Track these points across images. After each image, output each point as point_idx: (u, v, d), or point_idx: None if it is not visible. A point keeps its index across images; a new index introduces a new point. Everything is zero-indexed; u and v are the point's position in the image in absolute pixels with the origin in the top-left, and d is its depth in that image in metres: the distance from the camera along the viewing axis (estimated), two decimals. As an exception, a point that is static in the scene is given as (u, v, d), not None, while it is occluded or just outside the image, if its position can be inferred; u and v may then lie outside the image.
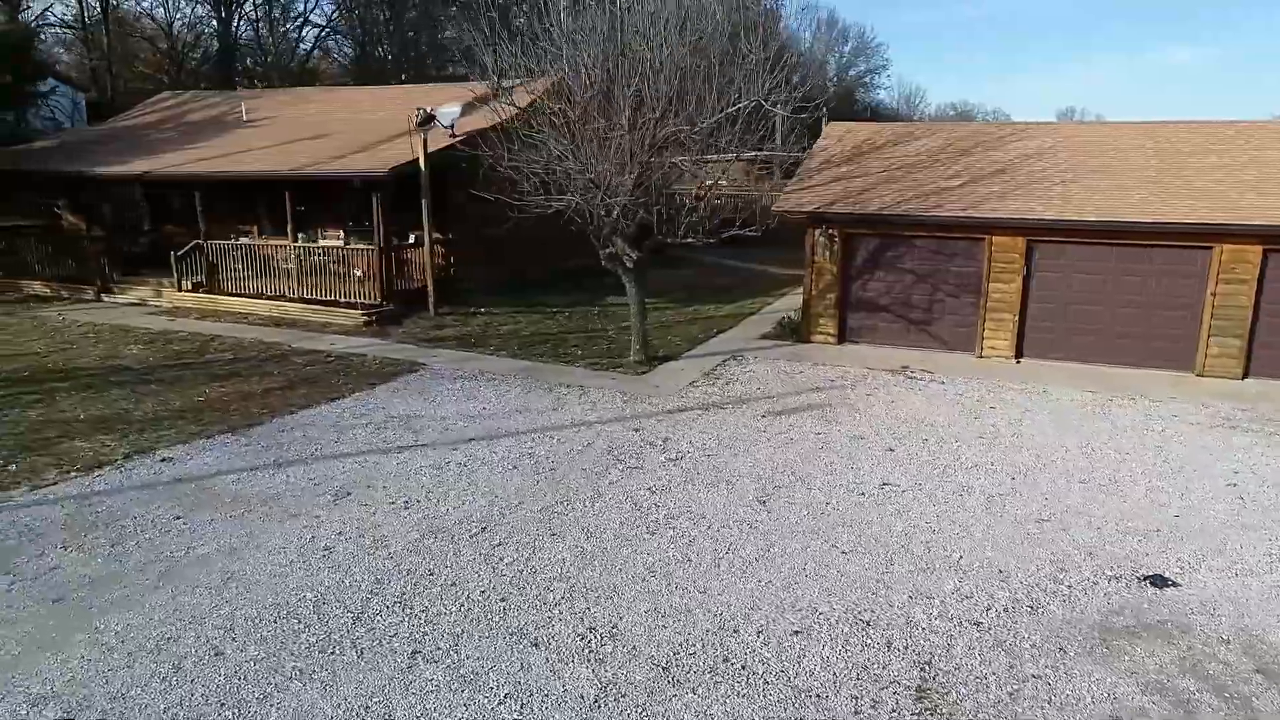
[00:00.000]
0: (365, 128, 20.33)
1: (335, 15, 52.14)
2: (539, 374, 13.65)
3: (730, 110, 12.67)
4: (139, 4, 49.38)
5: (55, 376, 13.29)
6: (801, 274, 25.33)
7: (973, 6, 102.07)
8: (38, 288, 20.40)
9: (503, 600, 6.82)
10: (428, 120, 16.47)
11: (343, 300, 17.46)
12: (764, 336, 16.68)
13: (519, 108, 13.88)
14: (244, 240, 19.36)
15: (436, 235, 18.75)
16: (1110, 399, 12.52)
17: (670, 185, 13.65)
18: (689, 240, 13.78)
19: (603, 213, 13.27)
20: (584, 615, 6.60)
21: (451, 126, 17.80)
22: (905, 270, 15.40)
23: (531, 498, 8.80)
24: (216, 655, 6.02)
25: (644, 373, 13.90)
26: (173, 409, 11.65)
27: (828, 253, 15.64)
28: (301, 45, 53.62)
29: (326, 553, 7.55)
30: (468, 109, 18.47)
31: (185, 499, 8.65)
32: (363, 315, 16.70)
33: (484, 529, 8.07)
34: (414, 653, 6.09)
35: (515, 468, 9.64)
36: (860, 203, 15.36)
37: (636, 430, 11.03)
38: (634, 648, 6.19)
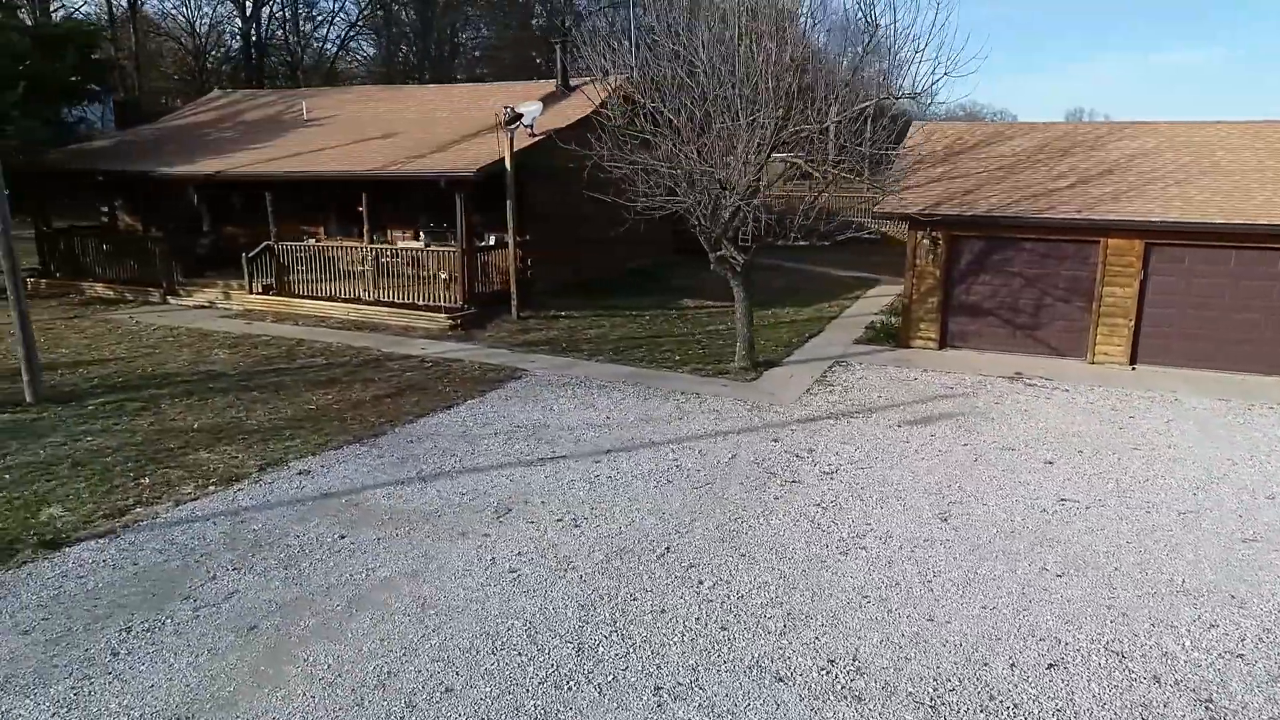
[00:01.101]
0: (432, 127, 19.93)
1: (363, 14, 51.53)
2: (646, 380, 13.21)
3: (860, 107, 12.20)
4: (162, 3, 49.15)
5: (151, 382, 12.87)
6: (864, 275, 25.07)
7: (987, 6, 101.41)
8: (100, 290, 19.99)
9: (723, 629, 6.38)
10: (515, 119, 16.05)
11: (421, 303, 17.04)
12: (858, 341, 16.24)
13: (636, 104, 13.35)
14: (319, 241, 18.94)
15: (510, 238, 18.32)
16: (1248, 406, 12.08)
17: (784, 186, 13.17)
18: (802, 243, 13.33)
19: (725, 215, 12.82)
20: (817, 646, 6.17)
21: (532, 125, 17.36)
22: (1012, 273, 14.96)
23: (701, 515, 8.37)
24: (448, 692, 5.59)
25: (753, 379, 13.47)
26: (286, 417, 11.23)
27: (930, 256, 15.20)
28: (326, 46, 53.24)
29: (514, 576, 7.12)
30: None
31: (341, 516, 8.22)
32: (447, 319, 16.28)
33: (667, 549, 7.63)
34: (656, 688, 5.65)
35: (670, 482, 9.20)
36: (966, 204, 14.92)
37: (775, 440, 10.60)
38: (887, 683, 5.76)
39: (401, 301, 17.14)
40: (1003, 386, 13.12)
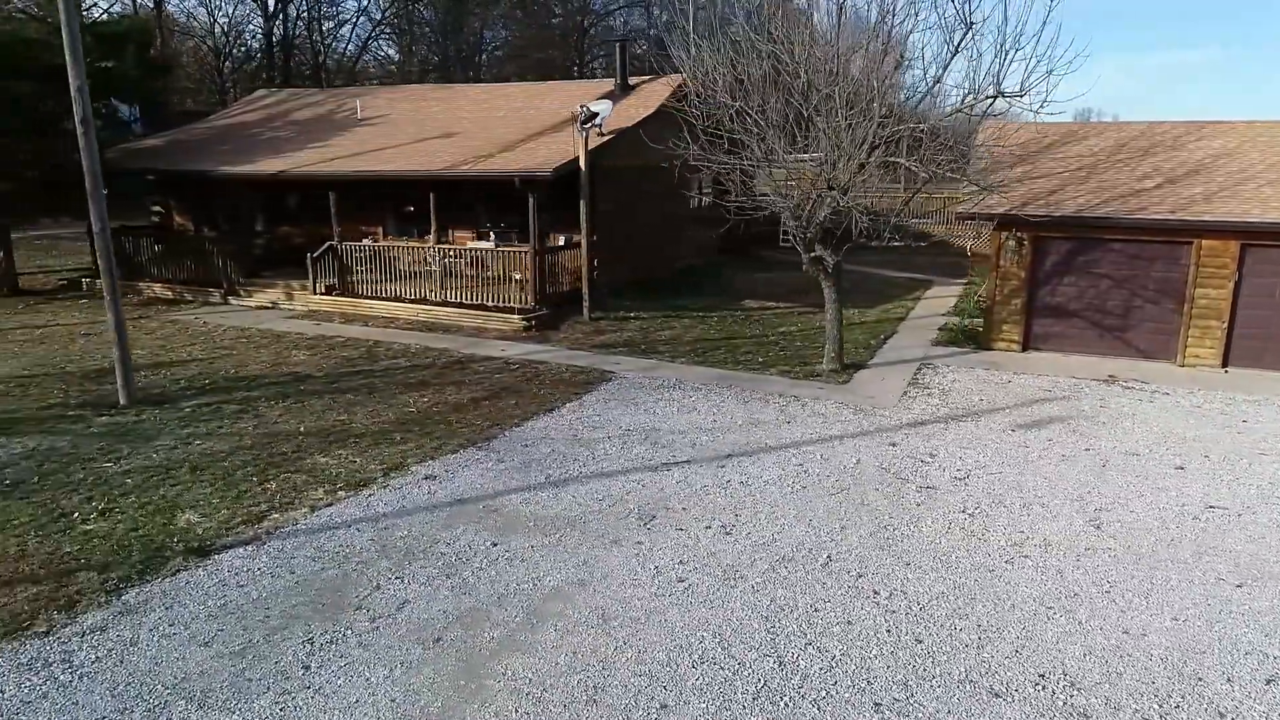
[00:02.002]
0: (491, 126, 19.76)
1: (386, 14, 51.34)
2: (738, 383, 13.03)
3: (977, 101, 11.99)
4: (183, 2, 48.90)
5: (239, 384, 12.71)
6: (917, 277, 24.84)
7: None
8: (158, 290, 19.84)
9: (918, 641, 6.20)
10: (591, 118, 15.87)
11: (490, 304, 16.86)
12: (936, 343, 16.04)
13: (729, 105, 13.14)
14: (378, 241, 18.78)
15: (577, 238, 18.16)
16: (1360, 412, 11.87)
17: (879, 186, 12.97)
18: (896, 243, 13.13)
19: (820, 215, 12.64)
20: (1020, 659, 5.99)
21: (601, 125, 17.18)
22: (1099, 275, 14.76)
23: (850, 523, 8.19)
24: (663, 708, 5.41)
25: (845, 382, 13.29)
26: (390, 420, 11.06)
27: (1015, 257, 15.00)
28: (348, 45, 53.08)
29: (685, 585, 6.94)
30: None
31: (485, 522, 8.05)
32: (521, 320, 16.11)
33: (829, 558, 7.45)
34: (876, 704, 5.48)
35: (804, 488, 9.02)
36: (1052, 205, 14.72)
37: (893, 445, 10.42)
38: (1108, 699, 5.58)
39: (470, 303, 16.96)
40: (1100, 390, 12.92)
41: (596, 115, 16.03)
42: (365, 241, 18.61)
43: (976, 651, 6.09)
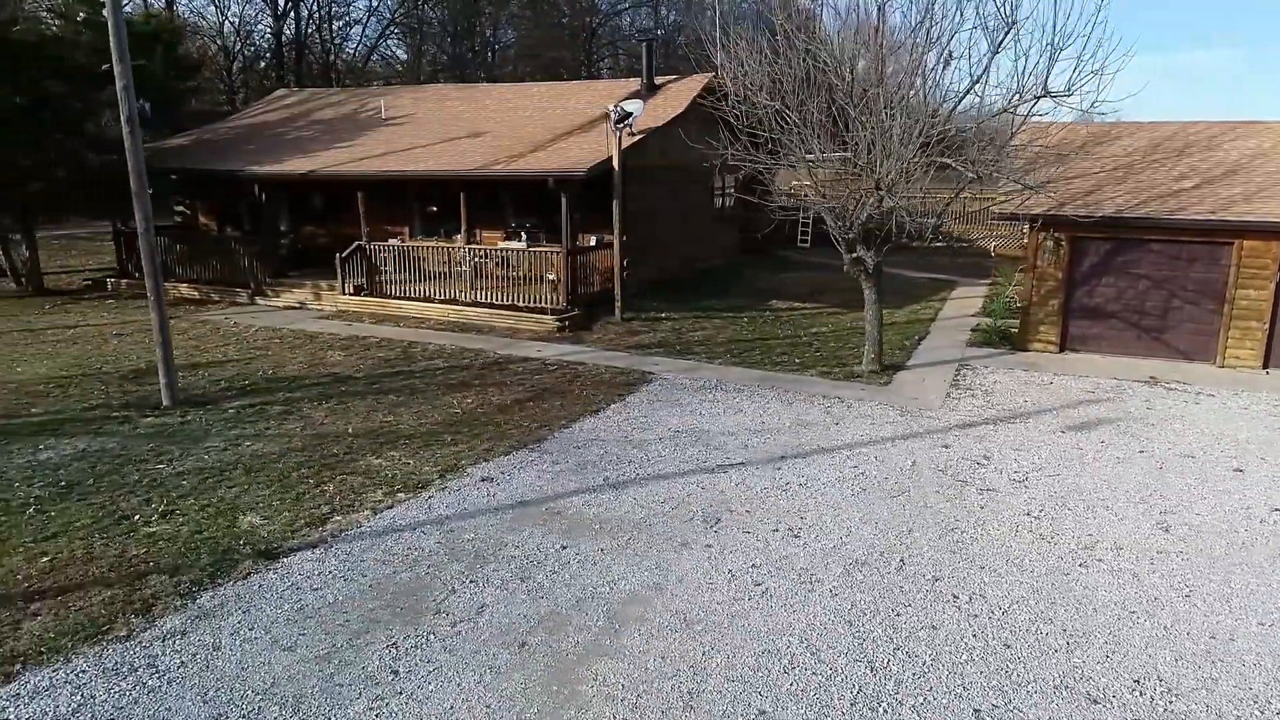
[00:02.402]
0: (517, 126, 19.70)
1: (396, 14, 51.26)
2: (779, 384, 12.97)
3: (1023, 101, 11.92)
4: (190, 2, 48.83)
5: (279, 385, 12.66)
6: (939, 278, 24.75)
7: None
8: (184, 290, 19.79)
9: (1007, 646, 6.14)
10: (625, 117, 15.80)
11: (522, 304, 16.80)
12: (971, 344, 15.97)
13: (768, 104, 13.07)
14: (405, 241, 18.73)
15: (608, 238, 18.11)
16: None
17: (923, 187, 12.90)
18: (938, 244, 13.06)
19: (862, 215, 12.58)
20: (1112, 664, 5.93)
21: (631, 125, 17.11)
22: (1137, 275, 14.68)
23: (916, 525, 8.13)
24: (762, 714, 5.34)
25: (886, 383, 13.22)
26: (436, 422, 11.00)
27: (1053, 257, 14.93)
28: (357, 46, 53.04)
29: (761, 589, 6.88)
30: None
31: (551, 525, 7.99)
32: (555, 321, 16.05)
33: (901, 561, 7.39)
34: (975, 711, 5.41)
35: (864, 490, 8.96)
36: (1090, 205, 14.65)
37: (946, 447, 10.35)
38: (1208, 705, 5.52)
39: (501, 303, 16.90)
40: (1144, 391, 12.86)
41: (631, 114, 15.96)
42: (393, 241, 18.55)
43: (1067, 656, 6.03)
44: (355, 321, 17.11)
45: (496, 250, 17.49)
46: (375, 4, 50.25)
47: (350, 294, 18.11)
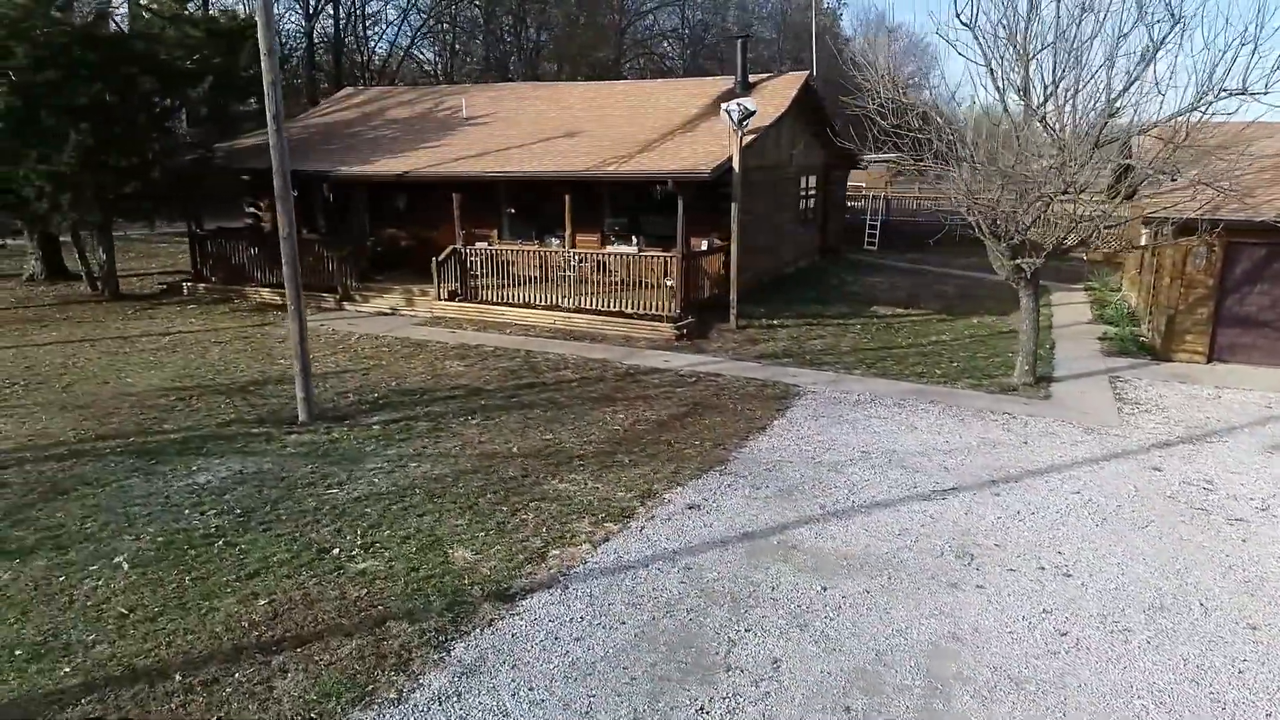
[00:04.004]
0: (611, 125, 19.02)
1: (432, 13, 50.53)
2: (934, 398, 12.28)
3: (1216, 99, 11.19)
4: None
5: (411, 398, 11.99)
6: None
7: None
8: (266, 295, 19.12)
9: (1389, 712, 5.41)
10: (748, 116, 15.09)
11: (630, 310, 16.10)
12: (1108, 353, 15.26)
13: (919, 104, 12.36)
14: (515, 245, 18.07)
15: (719, 241, 17.43)
16: None
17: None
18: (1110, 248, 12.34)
19: (1028, 219, 11.88)
20: None
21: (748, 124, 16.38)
22: (1296, 283, 13.94)
23: (1186, 562, 7.43)
24: (1174, 800, 4.62)
25: (1046, 397, 12.51)
26: (601, 440, 10.32)
27: (1203, 263, 14.18)
28: (392, 45, 52.33)
29: (1070, 639, 6.19)
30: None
31: (791, 561, 7.29)
32: (672, 328, 15.35)
33: (1202, 605, 6.69)
34: None
35: (1104, 520, 8.25)
36: (1248, 208, 13.89)
37: (1157, 470, 9.66)
38: None
39: (608, 309, 16.21)
40: (1324, 406, 12.12)
41: (753, 113, 15.25)
42: (490, 245, 17.89)
43: None
44: (456, 329, 16.43)
45: (606, 254, 16.78)
46: (407, 5, 49.45)
47: (444, 299, 17.42)
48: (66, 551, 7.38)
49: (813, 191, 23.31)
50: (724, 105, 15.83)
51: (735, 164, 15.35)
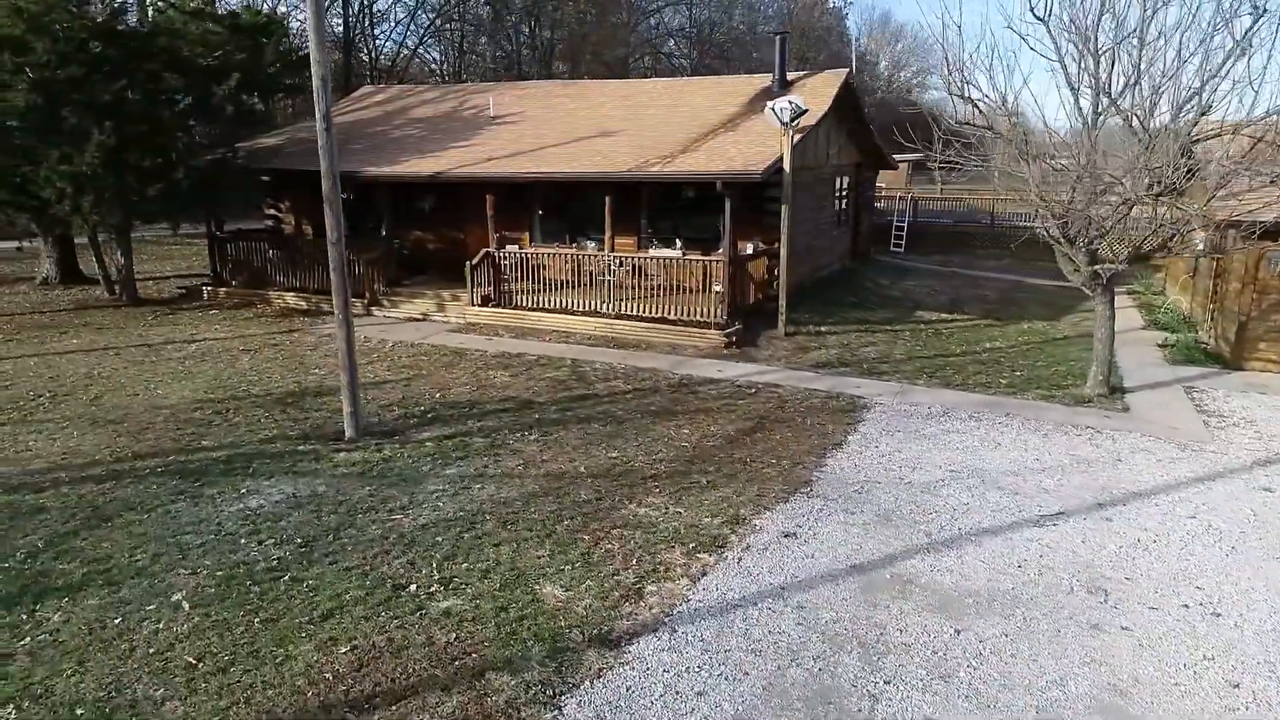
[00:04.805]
0: (649, 124, 18.41)
1: (442, 12, 49.85)
2: (1008, 410, 11.70)
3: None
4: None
5: (461, 412, 11.39)
6: (1069, 284, 23.32)
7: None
8: (290, 300, 18.49)
9: None
10: (800, 114, 14.48)
11: (672, 317, 15.49)
12: (1173, 361, 14.69)
13: (991, 100, 11.75)
14: (552, 249, 17.46)
15: (763, 245, 16.84)
16: None
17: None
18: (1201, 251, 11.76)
19: (1109, 223, 11.29)
20: None
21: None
22: (1376, 289, 13.35)
23: (1342, 597, 6.80)
24: None
25: (1125, 409, 11.93)
26: (671, 458, 9.72)
27: (1279, 268, 13.59)
28: (401, 44, 51.66)
29: (1246, 692, 5.57)
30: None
31: (912, 598, 6.69)
32: (721, 336, 14.74)
33: (1374, 649, 6.05)
34: None
35: (1232, 549, 7.70)
36: (1325, 211, 13.28)
37: (1269, 490, 9.09)
38: None
39: (650, 316, 15.61)
40: None
41: (806, 111, 14.65)
42: (514, 248, 17.28)
43: None
44: (493, 336, 15.81)
45: (647, 258, 16.17)
46: (416, 4, 48.71)
47: (478, 305, 16.80)
48: (118, 588, 6.76)
49: (845, 192, 22.71)
50: (771, 104, 15.23)
51: (787, 164, 14.75)
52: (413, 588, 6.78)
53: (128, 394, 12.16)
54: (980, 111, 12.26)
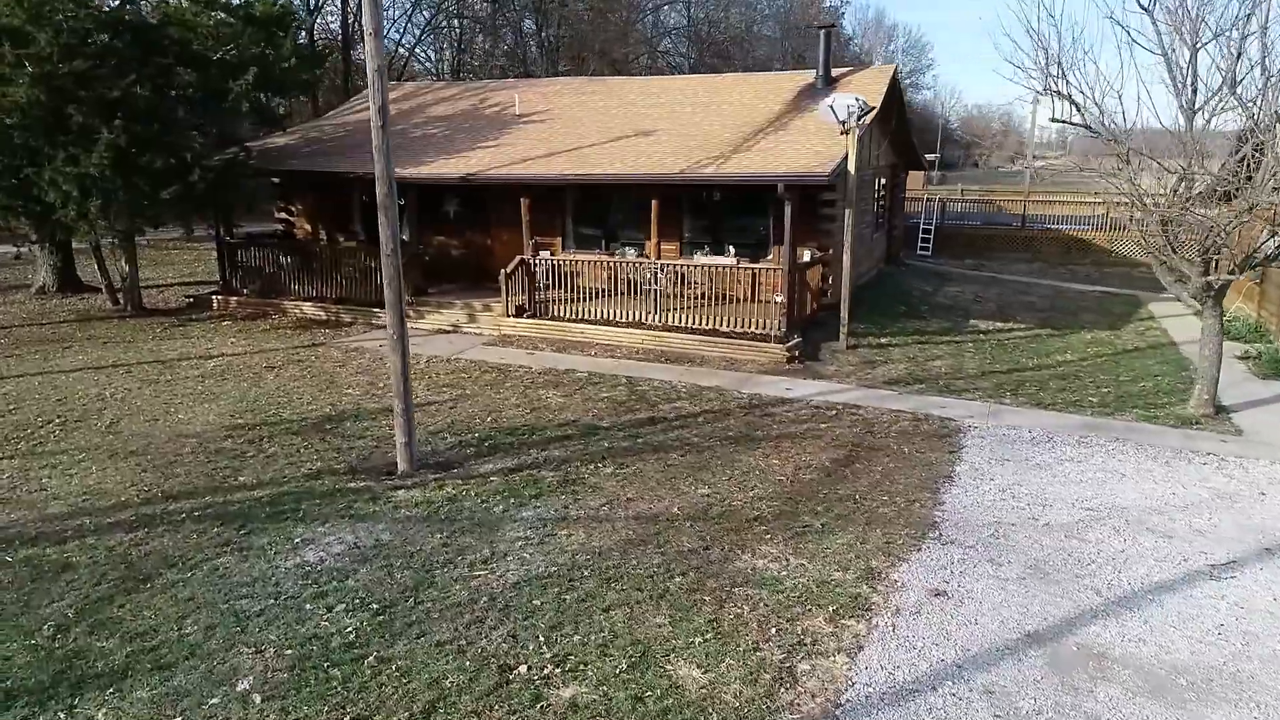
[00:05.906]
0: (690, 123, 17.43)
1: (442, 10, 48.58)
2: (1114, 433, 10.78)
3: None
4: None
5: (521, 438, 10.35)
6: (1114, 291, 22.46)
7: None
8: (308, 310, 17.35)
9: None
10: (866, 113, 13.49)
11: (725, 328, 14.48)
12: (1266, 377, 13.79)
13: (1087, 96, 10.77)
14: (593, 256, 16.43)
15: (817, 251, 15.83)
16: None
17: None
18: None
19: (1223, 232, 10.37)
20: None
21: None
22: None
23: None
24: None
25: (1239, 432, 11.02)
26: (770, 495, 8.75)
27: (1383, 277, 12.70)
28: (399, 42, 50.31)
29: None
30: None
31: (1113, 678, 5.71)
32: (783, 350, 13.72)
33: None
34: None
35: None
36: None
37: None
38: None
39: (702, 327, 14.58)
40: None
41: (871, 110, 13.65)
42: (548, 254, 16.24)
43: None
44: (533, 349, 14.73)
45: (697, 265, 15.13)
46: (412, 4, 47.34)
47: (513, 316, 15.72)
48: (171, 673, 5.66)
49: (883, 194, 21.79)
50: (829, 101, 14.24)
51: (851, 165, 13.77)
52: (523, 669, 5.71)
53: (147, 419, 11.02)
54: (1078, 109, 11.29)
